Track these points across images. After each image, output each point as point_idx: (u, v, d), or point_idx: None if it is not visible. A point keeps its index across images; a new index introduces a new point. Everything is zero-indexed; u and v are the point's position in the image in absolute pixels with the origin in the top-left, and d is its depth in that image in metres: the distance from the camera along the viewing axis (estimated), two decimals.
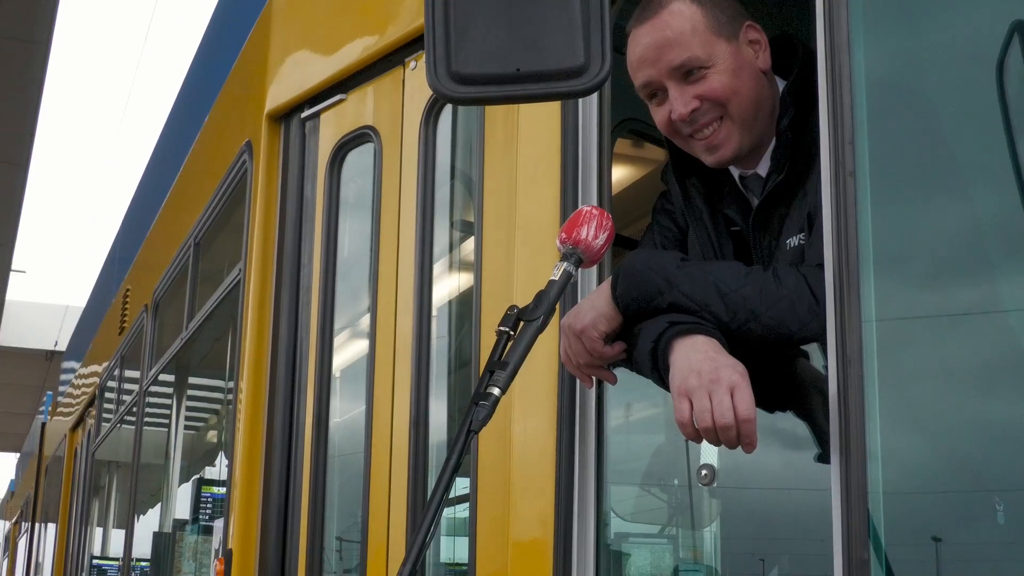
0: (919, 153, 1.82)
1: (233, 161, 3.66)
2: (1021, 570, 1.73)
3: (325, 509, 2.90)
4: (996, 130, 1.71)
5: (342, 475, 2.92)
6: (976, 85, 1.75)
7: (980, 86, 1.73)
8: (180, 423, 5.78)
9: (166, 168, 5.75)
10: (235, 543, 3.07)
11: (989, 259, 1.80)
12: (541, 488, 2.07)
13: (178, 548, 5.45)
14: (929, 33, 1.85)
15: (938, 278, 1.80)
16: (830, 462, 1.59)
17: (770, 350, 1.87)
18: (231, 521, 3.16)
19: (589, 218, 1.81)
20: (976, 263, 1.81)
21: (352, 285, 3.01)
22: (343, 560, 2.96)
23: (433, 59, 1.40)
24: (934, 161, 1.83)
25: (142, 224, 6.43)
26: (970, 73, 1.78)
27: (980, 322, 1.79)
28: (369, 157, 2.93)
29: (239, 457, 3.14)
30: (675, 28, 1.97)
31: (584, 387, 2.05)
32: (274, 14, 3.34)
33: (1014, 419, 1.78)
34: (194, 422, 5.96)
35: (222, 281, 3.99)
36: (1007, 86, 1.68)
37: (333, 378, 2.99)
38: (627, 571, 3.09)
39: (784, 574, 2.33)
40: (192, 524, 5.47)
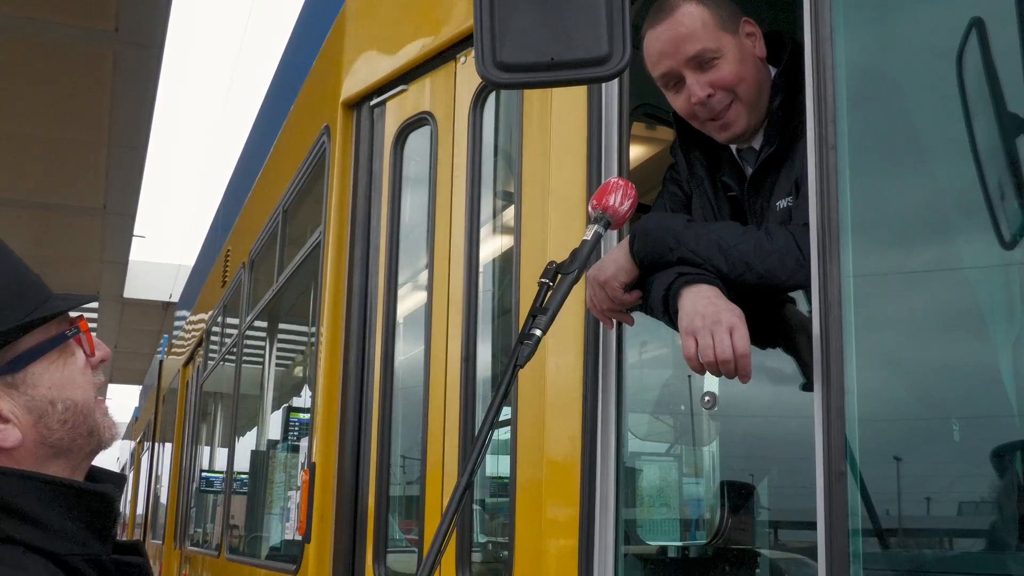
0: (891, 130, 1.81)
1: (314, 142, 3.69)
2: (972, 477, 1.73)
3: (391, 430, 2.93)
4: (956, 111, 1.70)
5: (405, 403, 2.94)
6: (939, 73, 1.73)
7: (942, 74, 1.72)
8: (272, 360, 5.86)
9: (259, 148, 5.79)
10: (318, 457, 3.11)
11: (949, 222, 1.80)
12: (570, 413, 2.08)
13: (271, 463, 5.56)
14: (899, 28, 1.83)
15: (906, 238, 1.80)
16: (813, 391, 1.58)
17: (763, 297, 1.86)
18: (314, 440, 3.20)
19: (616, 188, 1.80)
20: (938, 225, 1.81)
21: (412, 245, 3.02)
22: (406, 473, 2.99)
23: (481, 51, 1.41)
24: (903, 137, 1.82)
25: (240, 195, 6.49)
26: (934, 62, 1.76)
27: (941, 276, 1.78)
28: (426, 138, 2.94)
29: (320, 388, 3.18)
30: (688, 25, 1.96)
31: (606, 329, 2.06)
32: (347, 18, 3.36)
33: (967, 356, 1.79)
34: (283, 360, 6.03)
35: (305, 242, 4.02)
36: (964, 74, 1.67)
37: (397, 323, 3.01)
38: (640, 483, 3.11)
39: (773, 485, 2.34)
40: (282, 443, 5.55)
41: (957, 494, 1.81)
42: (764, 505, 2.49)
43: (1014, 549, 1.70)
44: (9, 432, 1.21)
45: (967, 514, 1.81)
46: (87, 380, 1.31)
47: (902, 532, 1.72)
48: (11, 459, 1.21)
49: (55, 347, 1.27)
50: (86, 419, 1.28)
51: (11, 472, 1.19)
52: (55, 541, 1.18)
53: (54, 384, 1.26)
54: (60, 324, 1.29)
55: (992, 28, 1.65)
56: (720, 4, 2.00)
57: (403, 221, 3.04)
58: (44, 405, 1.24)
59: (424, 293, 2.86)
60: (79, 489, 1.24)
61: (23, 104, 10.25)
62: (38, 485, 1.20)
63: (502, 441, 2.44)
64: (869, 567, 1.52)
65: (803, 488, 2.15)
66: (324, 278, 3.29)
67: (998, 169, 1.68)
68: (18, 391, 1.23)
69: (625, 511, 2.03)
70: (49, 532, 1.18)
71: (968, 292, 1.81)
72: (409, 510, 2.93)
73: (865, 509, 1.57)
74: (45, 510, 1.19)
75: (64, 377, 1.27)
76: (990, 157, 1.68)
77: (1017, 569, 1.65)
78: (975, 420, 1.80)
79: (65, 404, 1.26)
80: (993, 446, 1.76)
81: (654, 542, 2.99)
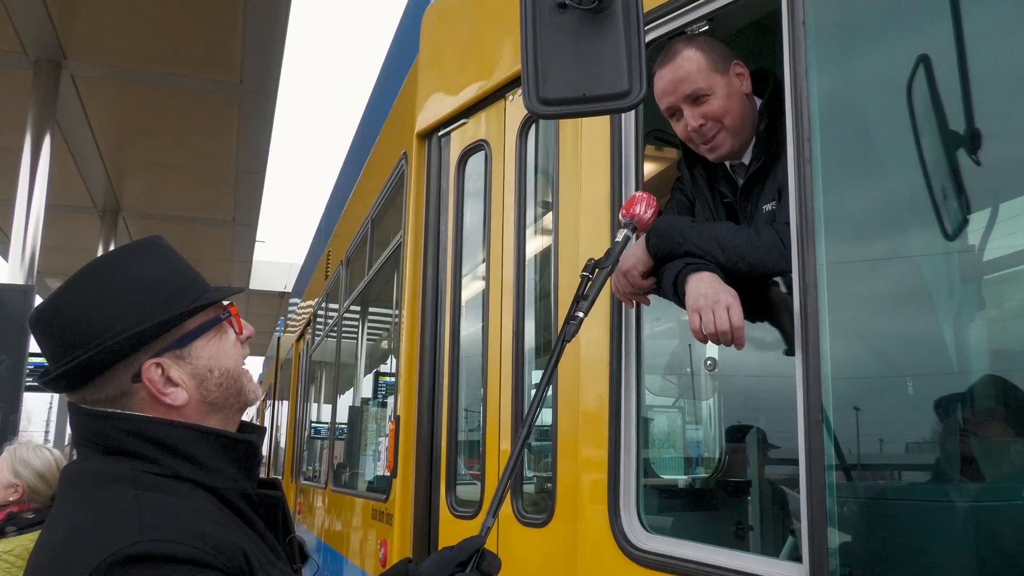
0: (855, 147, 1.78)
1: (395, 165, 3.69)
2: (921, 423, 1.71)
3: (458, 390, 2.94)
4: (906, 131, 1.67)
5: (467, 368, 2.95)
6: (892, 100, 1.70)
7: (895, 101, 1.69)
8: (364, 336, 5.89)
9: (352, 170, 5.82)
10: (402, 411, 3.12)
11: (903, 220, 1.77)
12: (599, 375, 2.08)
13: (365, 415, 5.59)
14: (860, 66, 1.80)
15: (868, 233, 1.77)
16: (794, 356, 1.57)
17: (753, 281, 1.85)
18: (398, 397, 3.21)
19: (642, 200, 1.79)
20: (894, 223, 1.78)
21: (472, 245, 3.02)
22: (469, 423, 3.00)
23: (527, 89, 1.40)
24: (865, 152, 1.79)
25: (338, 207, 6.51)
26: (888, 92, 1.73)
27: (896, 263, 1.76)
28: (482, 161, 2.93)
29: (403, 357, 3.18)
30: (685, 68, 1.94)
31: (628, 308, 2.05)
32: (420, 68, 3.36)
33: (917, 327, 1.77)
34: (373, 335, 6.06)
35: (389, 244, 4.03)
36: (913, 101, 1.64)
37: (461, 306, 3.02)
38: (655, 429, 3.11)
39: (762, 430, 2.32)
40: (373, 400, 5.58)
41: (909, 436, 1.79)
42: (754, 446, 2.48)
43: (954, 479, 1.69)
44: (179, 393, 1.24)
45: (916, 452, 1.79)
46: (237, 352, 1.33)
47: (866, 467, 1.71)
48: (180, 414, 1.24)
49: (212, 327, 1.30)
50: (236, 382, 1.30)
51: (180, 425, 1.22)
52: (215, 478, 1.21)
53: (212, 356, 1.28)
54: (216, 309, 1.32)
55: (936, 63, 1.64)
56: (714, 49, 1.97)
57: (465, 226, 3.04)
58: (204, 372, 1.27)
59: (482, 282, 2.86)
60: (232, 438, 1.26)
61: (170, 141, 10.41)
62: (201, 435, 1.23)
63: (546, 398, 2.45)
64: (841, 495, 1.51)
65: (787, 432, 2.15)
66: (404, 272, 3.30)
67: (941, 178, 1.66)
68: (185, 361, 1.26)
69: (643, 451, 2.03)
70: (210, 471, 1.20)
71: (918, 276, 1.79)
72: (472, 451, 2.94)
73: (836, 449, 1.56)
74: (207, 454, 1.21)
75: (219, 351, 1.30)
76: (934, 168, 1.66)
77: (956, 493, 1.63)
78: (923, 377, 1.78)
79: (220, 371, 1.28)
80: (936, 397, 1.74)
81: (666, 476, 2.99)
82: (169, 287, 1.26)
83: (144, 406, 1.22)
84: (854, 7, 1.76)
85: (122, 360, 1.21)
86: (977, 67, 1.60)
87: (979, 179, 1.65)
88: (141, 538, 1.04)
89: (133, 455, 1.18)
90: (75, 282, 1.24)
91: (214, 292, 1.31)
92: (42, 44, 8.16)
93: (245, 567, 1.10)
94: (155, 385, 1.22)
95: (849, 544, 1.53)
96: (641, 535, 1.91)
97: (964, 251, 1.77)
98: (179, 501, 1.13)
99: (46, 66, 8.43)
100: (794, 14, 1.66)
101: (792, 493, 1.80)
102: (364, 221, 4.78)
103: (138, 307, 1.21)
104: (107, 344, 1.19)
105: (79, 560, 1.02)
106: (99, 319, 1.20)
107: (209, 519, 1.12)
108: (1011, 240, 1.78)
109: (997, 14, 1.64)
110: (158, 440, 1.19)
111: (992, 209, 1.78)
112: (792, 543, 1.86)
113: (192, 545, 1.05)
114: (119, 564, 1.01)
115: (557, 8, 1.40)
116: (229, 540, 1.10)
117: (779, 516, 2.11)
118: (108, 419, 1.20)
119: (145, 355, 1.22)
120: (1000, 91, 1.65)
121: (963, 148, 1.64)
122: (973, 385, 1.78)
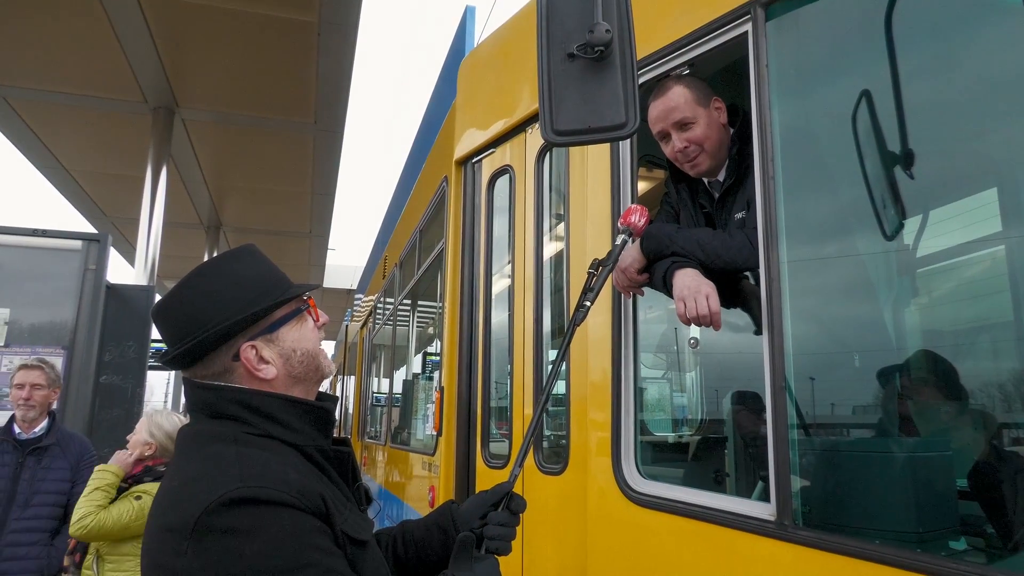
0: (810, 166, 1.76)
1: (438, 186, 3.69)
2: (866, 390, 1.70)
3: (490, 366, 2.94)
4: (852, 152, 1.65)
5: (497, 349, 2.94)
6: (840, 128, 1.68)
7: (843, 129, 1.67)
8: (414, 324, 5.91)
9: (403, 191, 5.83)
10: (445, 383, 3.12)
11: (850, 224, 1.76)
12: (603, 352, 2.07)
13: (416, 387, 5.61)
14: (812, 100, 1.78)
15: (822, 235, 1.76)
16: (762, 336, 1.55)
17: (728, 275, 1.84)
18: (442, 372, 3.21)
19: (636, 210, 1.78)
20: (843, 226, 1.76)
21: (500, 250, 3.02)
22: (498, 392, 3.00)
23: (543, 122, 1.39)
24: (818, 171, 1.78)
25: (393, 219, 6.53)
26: (836, 122, 1.71)
27: (845, 259, 1.75)
28: (508, 182, 2.92)
29: (445, 340, 3.19)
30: (674, 100, 1.93)
31: (625, 298, 2.04)
32: (457, 108, 3.35)
33: (862, 311, 1.76)
34: (421, 323, 6.08)
35: (434, 250, 4.04)
36: (857, 128, 1.63)
37: (492, 299, 3.02)
38: (647, 397, 3.09)
39: (735, 394, 2.30)
40: (422, 374, 5.60)
41: (855, 400, 1.77)
42: (730, 409, 2.45)
43: (892, 434, 1.66)
44: (269, 369, 1.25)
45: (861, 413, 1.77)
46: (315, 336, 1.33)
47: (821, 425, 1.69)
48: (270, 386, 1.24)
49: (295, 316, 1.30)
50: (314, 360, 1.30)
51: (271, 394, 1.23)
52: (298, 437, 1.21)
53: (295, 339, 1.28)
54: (298, 301, 1.32)
55: (874, 98, 1.61)
56: (699, 86, 1.96)
57: (494, 235, 3.04)
58: (289, 352, 1.27)
59: (508, 279, 2.86)
60: (311, 405, 1.26)
61: (260, 170, 10.50)
62: (287, 402, 1.23)
63: (560, 370, 2.43)
64: (800, 448, 1.49)
65: (756, 398, 2.12)
66: (446, 272, 3.30)
67: (880, 190, 1.63)
68: (274, 344, 1.26)
69: (639, 414, 2.02)
70: (294, 431, 1.21)
71: (863, 270, 1.77)
72: (501, 415, 2.94)
73: (797, 410, 1.54)
74: (291, 418, 1.22)
75: (301, 335, 1.30)
76: (875, 183, 1.64)
77: (894, 446, 1.61)
78: (867, 352, 1.76)
79: (302, 351, 1.29)
80: (878, 369, 1.72)
81: (658, 434, 2.97)
82: (260, 285, 1.26)
83: (242, 379, 1.23)
84: (807, 54, 1.73)
85: (224, 343, 1.22)
86: (908, 100, 1.58)
87: (912, 191, 1.63)
88: (241, 484, 1.05)
89: (234, 419, 1.19)
90: (186, 282, 1.25)
91: (296, 288, 1.31)
92: (159, 94, 8.28)
93: (323, 507, 1.11)
94: (250, 363, 1.23)
95: (807, 487, 1.51)
96: (639, 481, 1.91)
97: (900, 250, 1.75)
98: (270, 455, 1.14)
99: (162, 112, 8.55)
100: (759, 59, 1.64)
101: (761, 446, 1.78)
102: (414, 231, 4.79)
103: (236, 301, 1.22)
104: (212, 331, 1.20)
105: (192, 501, 1.04)
106: (206, 311, 1.21)
107: (294, 469, 1.13)
108: (938, 241, 1.76)
109: (923, 58, 1.62)
110: (254, 407, 1.20)
111: (923, 215, 1.75)
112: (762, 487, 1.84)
113: (280, 490, 1.06)
114: (224, 505, 1.02)
115: (567, 58, 1.40)
116: (310, 486, 1.11)
117: (751, 465, 2.09)
118: (214, 390, 1.22)
119: (242, 339, 1.23)
120: (927, 119, 1.63)
121: (898, 166, 1.61)
122: (908, 359, 1.76)
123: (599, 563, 1.95)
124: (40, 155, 9.91)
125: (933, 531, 1.40)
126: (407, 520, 1.52)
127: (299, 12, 6.73)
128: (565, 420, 2.29)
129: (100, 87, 8.11)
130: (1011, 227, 1.69)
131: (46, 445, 3.46)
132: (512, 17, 3.02)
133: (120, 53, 7.38)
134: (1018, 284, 1.65)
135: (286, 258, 14.95)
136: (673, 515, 1.72)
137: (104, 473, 3.01)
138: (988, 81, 1.51)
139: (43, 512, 3.35)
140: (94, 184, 11.06)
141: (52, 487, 3.40)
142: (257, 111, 8.61)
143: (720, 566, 1.57)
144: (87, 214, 12.38)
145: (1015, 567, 1.36)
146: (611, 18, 1.38)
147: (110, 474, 3.01)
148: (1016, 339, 1.64)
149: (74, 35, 7.10)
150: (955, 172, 1.75)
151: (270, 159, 10.06)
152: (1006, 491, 1.47)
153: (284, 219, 12.82)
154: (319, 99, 8.26)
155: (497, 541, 1.34)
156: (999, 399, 1.55)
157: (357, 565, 1.14)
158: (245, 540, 1.01)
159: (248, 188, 11.31)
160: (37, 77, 7.93)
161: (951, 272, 1.81)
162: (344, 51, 7.35)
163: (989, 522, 1.49)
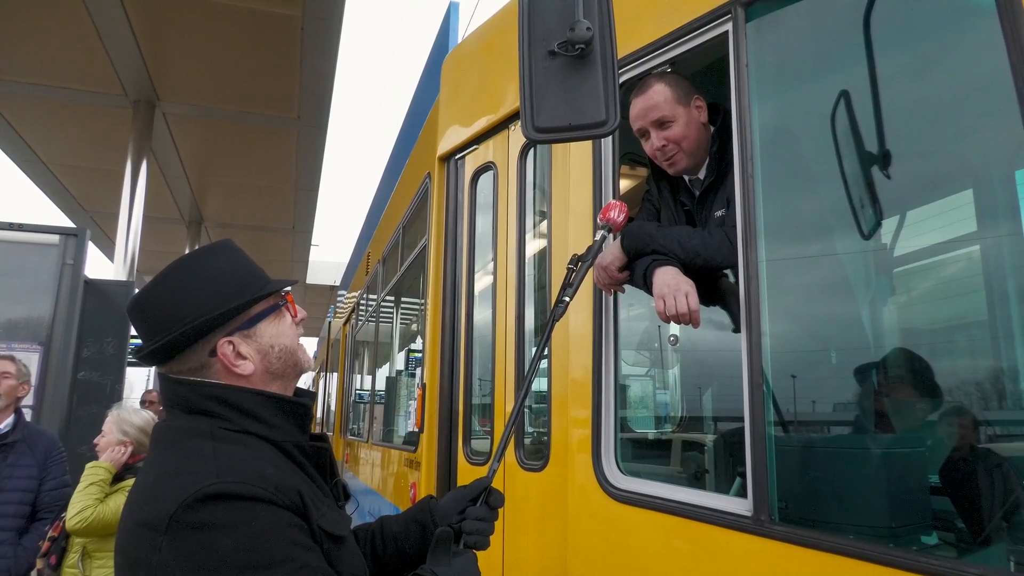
0: (789, 165, 1.77)
1: (421, 183, 3.67)
2: (842, 386, 1.71)
3: (472, 362, 2.93)
4: (830, 152, 1.66)
5: (480, 345, 2.93)
6: (819, 128, 1.69)
7: (821, 129, 1.68)
8: (397, 320, 5.89)
9: (387, 186, 5.81)
10: (427, 380, 3.11)
11: (828, 224, 1.76)
12: (584, 349, 2.07)
13: (398, 383, 5.60)
14: (791, 100, 1.79)
15: (800, 234, 1.76)
16: (740, 333, 1.56)
17: (707, 273, 1.84)
18: (425, 369, 3.20)
19: (615, 207, 1.79)
20: (821, 226, 1.77)
21: (483, 247, 3.00)
22: (481, 389, 2.99)
23: (525, 120, 1.39)
24: (797, 170, 1.78)
25: (376, 215, 6.50)
26: (815, 122, 1.72)
27: (823, 258, 1.75)
28: (491, 178, 2.91)
29: (428, 336, 3.17)
30: (654, 99, 1.93)
31: (607, 295, 2.04)
32: (440, 104, 3.33)
33: (839, 309, 1.77)
34: (404, 320, 6.06)
35: (416, 245, 4.02)
36: (836, 128, 1.63)
37: (474, 295, 3.00)
38: (629, 394, 3.09)
39: (715, 393, 2.31)
40: (405, 371, 5.60)
41: (832, 397, 1.79)
42: (709, 406, 2.47)
43: (868, 430, 1.68)
44: (247, 365, 1.24)
45: (838, 410, 1.79)
46: (293, 331, 1.32)
47: (798, 422, 1.70)
48: (248, 382, 1.24)
49: (273, 312, 1.30)
50: (292, 355, 1.30)
51: (248, 390, 1.22)
52: (275, 432, 1.20)
53: (272, 335, 1.28)
54: (276, 297, 1.32)
55: (852, 98, 1.62)
56: (680, 85, 1.95)
57: (477, 231, 3.03)
58: (267, 348, 1.26)
59: (491, 276, 2.85)
60: (289, 401, 1.26)
61: (242, 165, 10.41)
62: (265, 398, 1.22)
63: (542, 368, 2.44)
64: (778, 445, 1.50)
65: (734, 395, 2.14)
66: (428, 268, 3.29)
67: (858, 190, 1.65)
68: (251, 339, 1.25)
69: (620, 411, 2.02)
70: (271, 427, 1.20)
71: (840, 269, 1.78)
72: (483, 412, 2.93)
73: (774, 407, 1.55)
74: (269, 414, 1.21)
75: (279, 330, 1.29)
76: (853, 182, 1.65)
77: (870, 442, 1.63)
78: (844, 350, 1.78)
79: (280, 347, 1.28)
80: (855, 366, 1.74)
81: (638, 430, 2.98)
82: (238, 280, 1.25)
83: (219, 375, 1.22)
84: (786, 54, 1.75)
85: (201, 339, 1.21)
86: (886, 101, 1.59)
87: (889, 191, 1.64)
88: (217, 479, 1.04)
89: (210, 414, 1.18)
90: (162, 277, 1.23)
91: (274, 283, 1.30)
92: (139, 88, 8.17)
93: (300, 503, 1.11)
94: (228, 358, 1.22)
95: (784, 484, 1.52)
96: (619, 477, 1.91)
97: (878, 249, 1.76)
98: (247, 451, 1.13)
99: (142, 106, 8.44)
100: (739, 59, 1.65)
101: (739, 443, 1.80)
102: (396, 228, 4.77)
103: (213, 296, 1.21)
104: (189, 326, 1.19)
105: (168, 497, 1.03)
106: (182, 307, 1.20)
107: (271, 465, 1.12)
108: (915, 241, 1.78)
109: (901, 59, 1.63)
110: (230, 402, 1.19)
111: (900, 216, 1.77)
112: (739, 483, 1.86)
113: (257, 485, 1.06)
114: (200, 500, 1.02)
115: (549, 55, 1.39)
116: (287, 482, 1.10)
117: (729, 462, 2.10)
118: (190, 386, 1.21)
119: (219, 334, 1.22)
120: (905, 120, 1.65)
121: (876, 166, 1.63)
122: (884, 356, 1.78)
123: (579, 559, 1.95)
124: (17, 148, 9.76)
125: (905, 526, 1.42)
126: (386, 516, 1.52)
127: (283, 6, 6.67)
128: (546, 416, 2.29)
129: (79, 79, 8.00)
130: (986, 228, 1.72)
131: (12, 441, 3.37)
132: (496, 14, 3.01)
133: (99, 45, 7.27)
134: (992, 284, 1.67)
135: (269, 254, 14.85)
136: (653, 511, 1.73)
137: (97, 469, 3.02)
138: (965, 82, 1.53)
139: (9, 510, 3.26)
140: (72, 178, 10.92)
141: (19, 484, 3.32)
142: (240, 106, 8.53)
143: (699, 561, 1.58)
144: (65, 209, 12.22)
145: (983, 561, 1.38)
146: (592, 16, 1.38)
147: (103, 470, 3.02)
148: (989, 338, 1.66)
149: (52, 26, 6.99)
150: (932, 173, 1.77)
151: (253, 154, 9.98)
152: (976, 487, 1.50)
153: (267, 214, 12.73)
154: (303, 94, 8.20)
155: (475, 536, 1.34)
156: (973, 397, 1.57)
157: (334, 560, 1.14)
158: (221, 535, 1.01)
159: (230, 183, 11.21)
160: (14, 69, 7.80)
161: (927, 271, 1.83)
162: (328, 46, 7.30)
163: (959, 517, 1.52)
